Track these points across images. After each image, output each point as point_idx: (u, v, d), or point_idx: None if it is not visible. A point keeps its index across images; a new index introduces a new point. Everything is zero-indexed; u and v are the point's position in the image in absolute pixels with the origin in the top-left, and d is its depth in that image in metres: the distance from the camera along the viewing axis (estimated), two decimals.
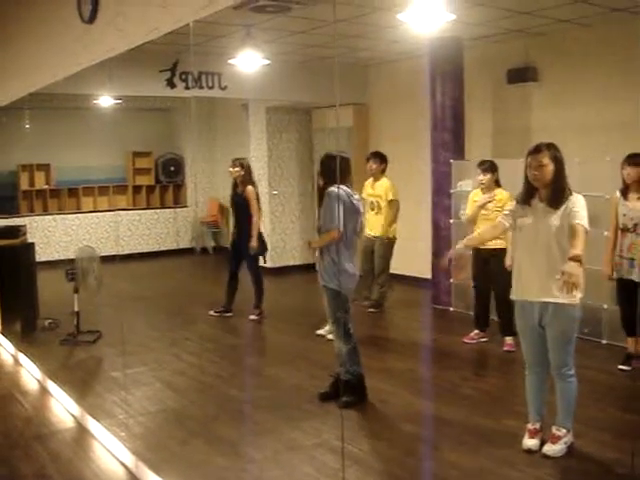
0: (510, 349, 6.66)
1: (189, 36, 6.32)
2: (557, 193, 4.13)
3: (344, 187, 5.22)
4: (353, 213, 5.28)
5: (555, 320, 4.15)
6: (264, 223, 11.51)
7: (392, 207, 8.18)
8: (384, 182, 8.22)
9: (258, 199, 8.31)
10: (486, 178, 6.69)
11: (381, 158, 8.29)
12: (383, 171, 8.29)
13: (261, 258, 8.49)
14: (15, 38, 6.38)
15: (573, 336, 4.21)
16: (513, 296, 4.37)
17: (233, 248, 8.50)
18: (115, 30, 4.01)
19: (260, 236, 8.31)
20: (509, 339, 6.72)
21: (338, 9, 6.80)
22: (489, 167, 6.72)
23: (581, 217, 4.07)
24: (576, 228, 4.05)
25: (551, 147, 4.15)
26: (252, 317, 8.32)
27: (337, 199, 5.13)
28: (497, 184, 6.75)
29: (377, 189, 8.23)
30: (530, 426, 4.38)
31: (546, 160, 4.09)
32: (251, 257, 8.29)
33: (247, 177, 8.30)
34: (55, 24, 5.04)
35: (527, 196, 4.25)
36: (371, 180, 8.32)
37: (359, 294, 7.63)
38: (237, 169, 8.27)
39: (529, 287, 4.25)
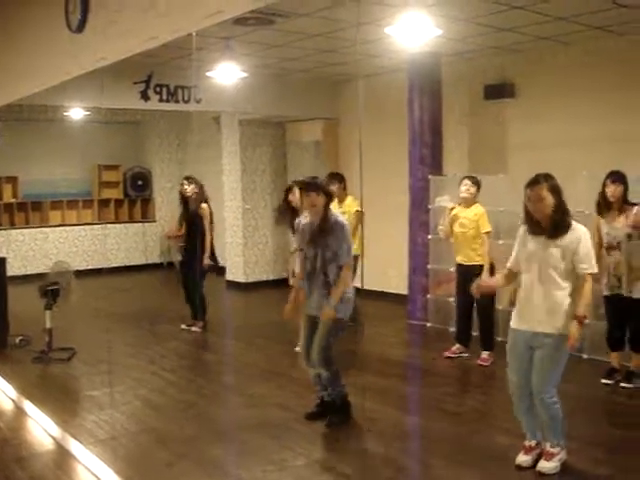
0: (483, 363, 6.70)
1: (165, 48, 6.23)
2: (557, 224, 4.13)
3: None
4: None
5: (544, 346, 4.13)
6: (237, 237, 11.47)
7: (358, 219, 7.90)
8: (350, 199, 8.13)
9: (212, 216, 8.37)
10: (473, 189, 6.72)
11: (340, 179, 8.17)
12: (345, 189, 8.17)
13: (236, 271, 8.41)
14: None
15: (560, 363, 4.18)
16: (512, 324, 4.34)
17: (183, 264, 8.54)
18: (106, 39, 3.90)
19: (212, 252, 8.38)
20: (485, 354, 6.77)
21: (320, 23, 6.76)
22: (476, 181, 6.79)
23: (589, 262, 4.10)
24: (585, 280, 4.10)
25: (548, 178, 4.17)
26: (194, 329, 8.37)
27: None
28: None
29: (344, 207, 8.08)
30: (526, 443, 4.34)
31: (544, 192, 4.10)
32: (201, 273, 8.33)
33: (200, 195, 8.33)
34: (41, 33, 4.91)
35: (531, 225, 4.25)
36: (335, 200, 8.15)
37: None
38: (192, 186, 8.30)
39: (525, 316, 4.24)
